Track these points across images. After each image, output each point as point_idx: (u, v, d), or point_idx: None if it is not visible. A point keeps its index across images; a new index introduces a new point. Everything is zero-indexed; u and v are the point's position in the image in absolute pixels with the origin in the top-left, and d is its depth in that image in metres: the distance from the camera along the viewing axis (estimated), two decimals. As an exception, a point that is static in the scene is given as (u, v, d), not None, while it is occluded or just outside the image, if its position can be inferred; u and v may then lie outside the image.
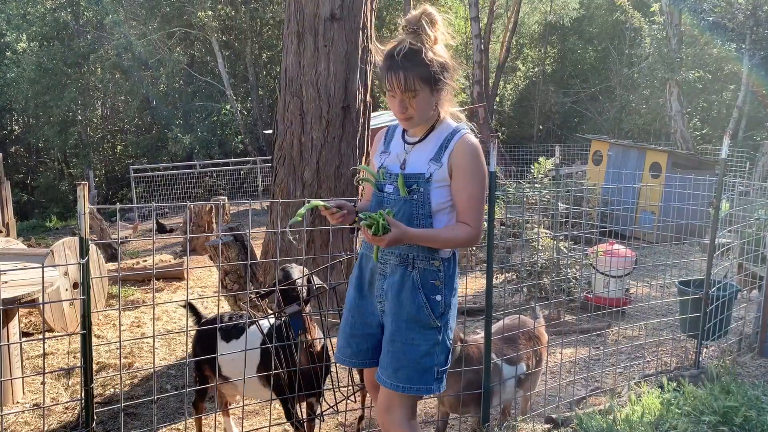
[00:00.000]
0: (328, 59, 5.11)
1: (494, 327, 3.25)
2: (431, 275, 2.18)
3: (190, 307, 3.50)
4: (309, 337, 2.88)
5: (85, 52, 19.21)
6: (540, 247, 5.80)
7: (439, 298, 2.18)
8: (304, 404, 3.13)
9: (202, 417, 3.39)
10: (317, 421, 3.16)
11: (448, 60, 2.11)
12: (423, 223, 2.15)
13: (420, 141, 2.21)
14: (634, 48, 19.57)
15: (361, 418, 3.47)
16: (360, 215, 2.08)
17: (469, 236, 2.13)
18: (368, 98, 5.43)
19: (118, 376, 4.08)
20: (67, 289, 5.19)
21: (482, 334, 3.13)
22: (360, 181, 2.35)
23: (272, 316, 3.19)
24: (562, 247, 5.59)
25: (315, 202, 2.15)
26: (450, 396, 3.03)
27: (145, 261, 7.68)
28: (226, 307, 4.68)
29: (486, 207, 2.34)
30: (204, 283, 7.02)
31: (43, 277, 2.55)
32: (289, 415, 3.00)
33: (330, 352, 3.02)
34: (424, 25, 2.06)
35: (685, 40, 15.45)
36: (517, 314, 3.48)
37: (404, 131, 2.29)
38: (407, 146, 2.24)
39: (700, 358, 3.98)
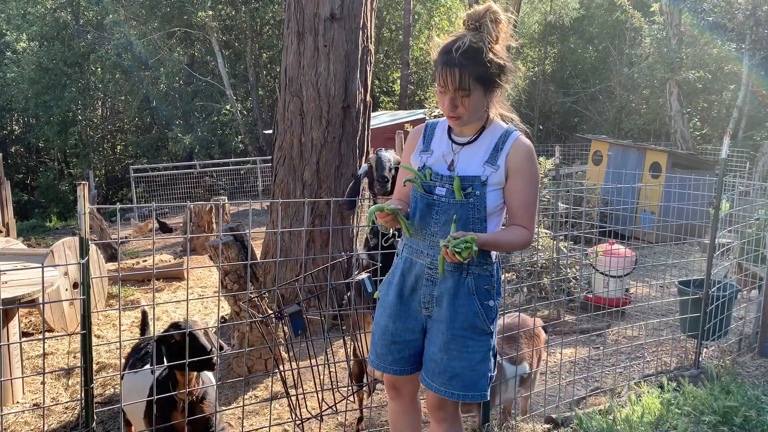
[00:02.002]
0: (328, 59, 5.11)
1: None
2: (485, 281, 2.13)
3: (143, 319, 3.34)
4: (189, 390, 2.64)
5: (85, 52, 19.23)
6: (540, 247, 5.79)
7: (491, 303, 2.14)
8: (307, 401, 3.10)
9: None
10: (317, 421, 3.16)
11: (506, 61, 2.03)
12: (477, 227, 2.09)
13: (471, 142, 2.12)
14: (634, 48, 19.57)
15: (360, 419, 3.47)
16: (444, 242, 1.95)
17: (527, 239, 2.11)
18: (368, 98, 5.43)
19: (118, 376, 4.08)
20: (67, 289, 5.19)
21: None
22: (405, 182, 2.21)
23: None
24: (562, 247, 5.59)
25: (384, 207, 2.10)
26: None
27: (145, 261, 7.68)
28: (226, 307, 4.69)
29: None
30: (204, 283, 7.02)
31: (43, 277, 2.55)
32: None
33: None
34: (487, 22, 1.96)
35: (685, 40, 15.46)
36: (516, 314, 3.47)
37: (450, 130, 2.18)
38: (455, 146, 2.14)
39: (700, 358, 3.98)
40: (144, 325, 3.41)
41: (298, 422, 3.07)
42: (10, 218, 8.15)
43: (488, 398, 2.21)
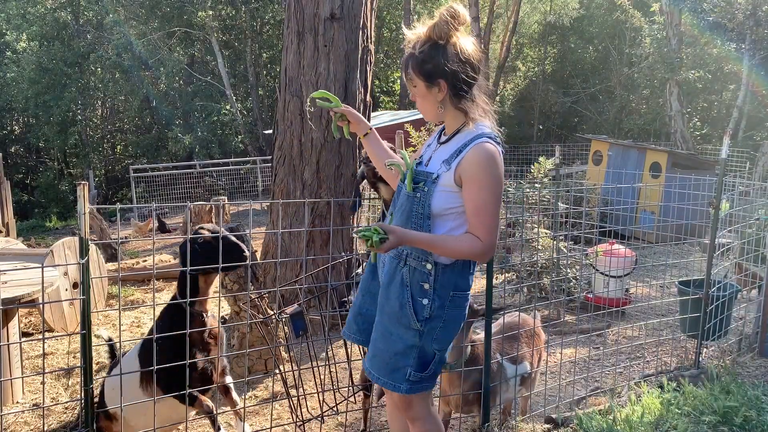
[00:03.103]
0: (328, 59, 5.11)
1: (494, 326, 3.25)
2: (421, 276, 2.10)
3: (109, 345, 3.29)
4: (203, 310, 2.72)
5: (85, 52, 19.23)
6: (540, 247, 5.80)
7: (425, 302, 2.09)
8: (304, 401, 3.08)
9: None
10: (317, 421, 3.16)
11: (451, 63, 2.01)
12: (421, 223, 2.09)
13: (446, 142, 2.16)
14: (634, 48, 19.58)
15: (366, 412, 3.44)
16: (356, 230, 2.08)
17: (474, 249, 2.01)
18: (368, 98, 5.43)
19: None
20: (67, 289, 5.19)
21: (482, 334, 3.13)
22: (389, 166, 2.32)
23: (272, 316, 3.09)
24: (562, 247, 5.59)
25: (327, 94, 2.32)
26: (455, 395, 3.03)
27: (145, 261, 7.68)
28: (225, 307, 4.69)
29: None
30: (204, 283, 7.01)
31: (42, 277, 2.55)
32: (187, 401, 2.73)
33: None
34: (440, 21, 2.02)
35: (685, 40, 15.46)
36: (516, 314, 3.48)
37: (443, 128, 2.24)
38: (436, 144, 2.21)
39: (700, 358, 3.98)
40: (112, 351, 3.38)
41: (299, 423, 3.07)
42: (10, 218, 8.15)
43: (406, 393, 2.16)
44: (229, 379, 3.00)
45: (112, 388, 2.85)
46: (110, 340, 3.34)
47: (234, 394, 3.01)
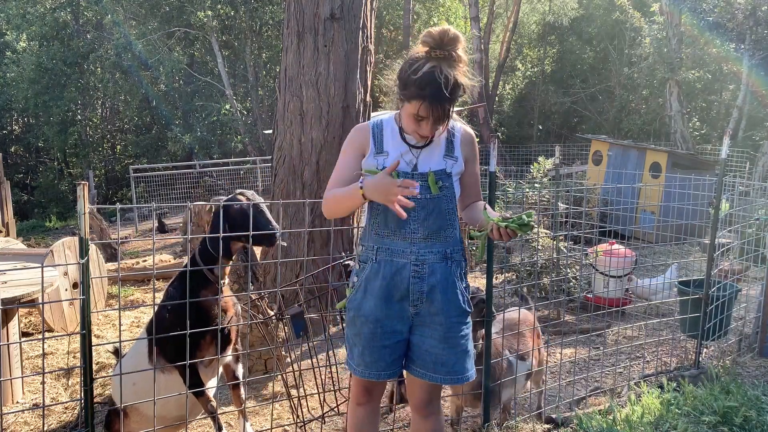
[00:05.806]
0: (328, 59, 5.11)
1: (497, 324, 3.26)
2: (462, 266, 2.26)
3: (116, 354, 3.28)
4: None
5: (84, 51, 19.22)
6: (540, 247, 5.80)
7: (465, 284, 2.27)
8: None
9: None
10: (319, 422, 3.16)
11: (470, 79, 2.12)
12: (452, 217, 2.19)
13: (427, 144, 2.20)
14: (634, 48, 19.58)
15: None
16: (497, 220, 2.07)
17: None
18: (368, 98, 5.43)
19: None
20: (66, 289, 5.19)
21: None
22: (366, 172, 2.21)
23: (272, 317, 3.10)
24: (562, 247, 5.59)
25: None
26: (468, 392, 3.05)
27: (145, 261, 7.68)
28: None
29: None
30: (204, 283, 7.00)
31: (42, 277, 2.55)
32: (193, 385, 2.68)
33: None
34: (459, 51, 2.01)
35: (685, 40, 15.46)
36: (511, 310, 3.48)
37: (401, 132, 2.21)
38: (414, 150, 2.19)
39: (700, 358, 3.98)
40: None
41: (299, 424, 3.07)
42: (10, 218, 8.14)
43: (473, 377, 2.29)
44: (240, 370, 2.98)
45: (126, 369, 2.83)
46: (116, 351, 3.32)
47: (242, 391, 3.01)
